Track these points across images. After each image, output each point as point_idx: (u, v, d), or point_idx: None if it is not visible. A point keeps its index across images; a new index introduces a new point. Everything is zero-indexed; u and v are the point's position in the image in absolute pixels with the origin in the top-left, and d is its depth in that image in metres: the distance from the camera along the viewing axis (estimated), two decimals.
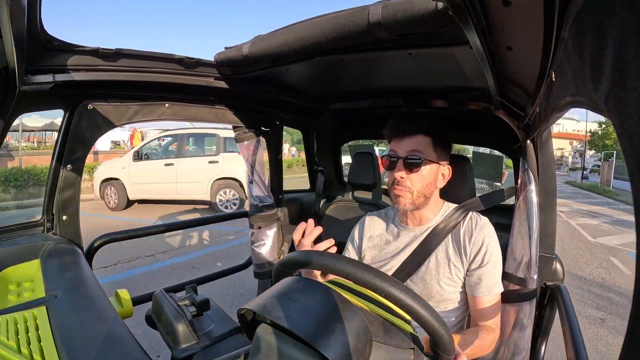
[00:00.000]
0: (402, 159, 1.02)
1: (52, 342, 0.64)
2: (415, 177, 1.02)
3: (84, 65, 0.98)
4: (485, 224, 1.04)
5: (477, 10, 0.51)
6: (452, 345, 0.56)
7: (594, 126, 33.60)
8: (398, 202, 1.04)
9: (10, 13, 0.59)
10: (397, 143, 1.05)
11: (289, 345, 0.48)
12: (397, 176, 1.02)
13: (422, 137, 1.03)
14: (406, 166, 1.02)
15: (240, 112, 1.53)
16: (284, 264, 0.68)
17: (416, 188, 1.02)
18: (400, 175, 1.02)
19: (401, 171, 1.02)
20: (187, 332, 0.94)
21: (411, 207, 1.04)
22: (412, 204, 1.03)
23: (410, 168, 1.01)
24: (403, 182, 1.02)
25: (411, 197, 1.02)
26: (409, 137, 1.03)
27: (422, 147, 1.02)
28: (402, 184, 1.02)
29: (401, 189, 1.02)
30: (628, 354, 0.22)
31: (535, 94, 0.70)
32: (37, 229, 1.13)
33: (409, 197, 1.02)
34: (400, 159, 1.03)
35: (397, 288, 0.55)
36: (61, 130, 1.10)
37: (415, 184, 1.02)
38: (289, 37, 0.93)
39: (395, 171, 1.03)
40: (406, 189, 1.02)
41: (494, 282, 0.98)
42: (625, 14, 0.23)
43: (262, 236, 1.79)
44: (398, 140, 1.05)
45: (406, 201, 1.03)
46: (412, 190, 1.02)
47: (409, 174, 1.02)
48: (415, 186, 1.02)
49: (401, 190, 1.02)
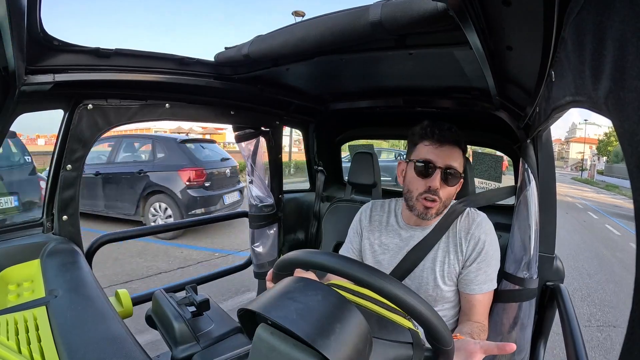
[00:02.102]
0: (440, 169, 0.97)
1: (52, 342, 0.64)
2: (449, 190, 1.00)
3: (84, 65, 0.98)
4: (483, 220, 1.04)
5: (477, 10, 0.51)
6: (448, 336, 0.55)
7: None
8: (427, 212, 1.00)
9: (10, 13, 0.59)
10: (435, 149, 0.99)
11: (289, 345, 0.48)
12: (432, 185, 0.97)
13: (458, 148, 1.00)
14: (444, 178, 0.98)
15: (240, 112, 1.53)
16: (279, 269, 0.69)
17: (444, 198, 1.00)
18: (436, 186, 0.97)
19: (437, 181, 0.97)
20: (187, 332, 0.94)
21: (435, 216, 1.02)
22: (436, 213, 1.02)
23: (447, 180, 0.98)
24: (438, 193, 0.98)
25: (438, 207, 1.00)
26: (449, 146, 0.99)
27: (459, 160, 1.00)
28: (437, 194, 0.98)
29: (434, 200, 0.99)
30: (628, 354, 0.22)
31: (535, 94, 0.70)
32: (37, 229, 1.13)
33: (436, 207, 1.00)
34: (439, 169, 0.97)
35: (385, 281, 0.54)
36: (61, 130, 1.10)
37: (444, 196, 0.99)
38: (289, 37, 0.93)
39: (431, 180, 0.98)
40: (438, 199, 0.99)
41: (486, 279, 0.98)
42: (625, 14, 0.23)
43: (262, 236, 1.79)
44: (437, 146, 0.99)
45: (433, 211, 1.00)
46: (441, 200, 0.99)
47: (444, 186, 0.98)
48: (444, 197, 1.00)
49: (434, 201, 0.99)
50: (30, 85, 0.90)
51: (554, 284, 1.09)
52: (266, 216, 1.77)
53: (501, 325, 1.03)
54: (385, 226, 1.14)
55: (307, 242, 1.97)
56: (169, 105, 1.27)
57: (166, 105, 1.27)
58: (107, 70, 1.02)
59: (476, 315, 0.97)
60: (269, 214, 1.77)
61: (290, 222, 1.93)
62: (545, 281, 1.10)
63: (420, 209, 1.01)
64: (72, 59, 0.95)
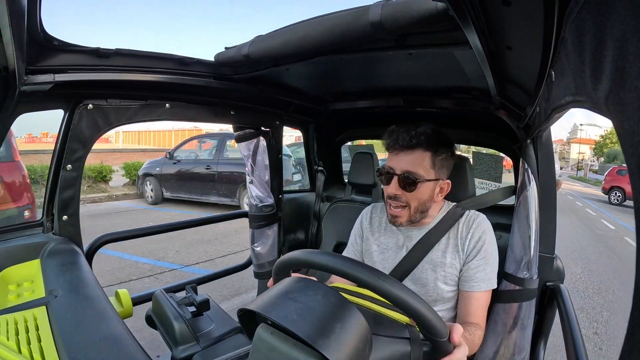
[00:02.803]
0: (397, 175, 0.98)
1: (52, 342, 0.64)
2: (411, 195, 0.98)
3: (84, 65, 0.98)
4: (483, 220, 1.04)
5: (477, 10, 0.51)
6: (441, 327, 0.55)
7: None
8: (395, 221, 1.02)
9: (10, 13, 0.59)
10: (394, 156, 1.00)
11: (289, 345, 0.48)
12: (389, 192, 0.99)
13: (421, 152, 0.97)
14: (401, 184, 0.98)
15: (240, 112, 1.53)
16: (276, 272, 0.70)
17: (413, 205, 0.99)
18: (393, 192, 0.99)
19: (396, 188, 0.98)
20: (187, 332, 0.94)
21: (407, 223, 1.02)
22: (408, 220, 1.01)
23: (405, 187, 0.98)
24: (399, 198, 0.99)
25: (408, 213, 1.00)
26: (406, 151, 0.98)
27: (419, 164, 0.97)
28: (398, 199, 0.99)
29: (397, 206, 0.99)
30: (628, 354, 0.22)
31: (535, 94, 0.70)
32: (37, 229, 1.13)
33: (406, 214, 1.00)
34: (396, 176, 0.98)
35: (371, 274, 0.55)
36: (61, 130, 1.10)
37: (412, 201, 0.99)
38: (289, 37, 0.93)
39: (390, 187, 1.00)
40: (402, 205, 0.99)
41: (484, 277, 0.98)
42: (625, 14, 0.23)
43: (262, 236, 1.79)
44: (395, 153, 1.00)
45: (403, 220, 1.01)
46: (409, 206, 0.99)
47: (405, 192, 0.98)
48: (412, 203, 0.99)
49: (397, 208, 1.00)
50: (30, 85, 0.90)
51: (554, 284, 1.09)
52: (266, 216, 1.77)
53: (501, 326, 1.03)
54: (384, 227, 1.15)
55: (307, 242, 1.97)
56: (169, 105, 1.27)
57: (166, 105, 1.27)
58: (107, 70, 1.02)
59: (473, 315, 0.96)
60: (269, 214, 1.77)
61: (290, 222, 1.93)
62: (546, 281, 1.10)
63: (389, 218, 1.04)
64: (72, 59, 0.95)
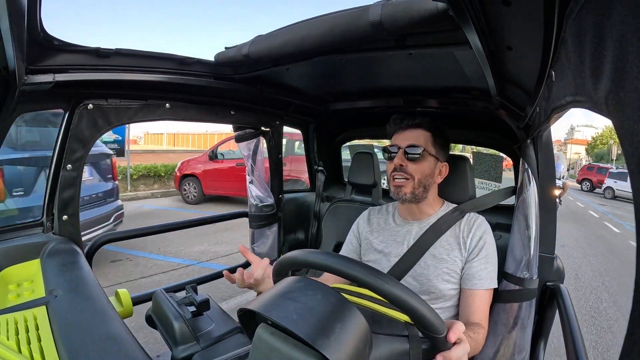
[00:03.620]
0: (402, 149, 1.05)
1: (52, 342, 0.64)
2: (415, 166, 1.04)
3: (84, 65, 0.98)
4: (483, 222, 1.06)
5: (477, 10, 0.51)
6: (438, 323, 0.55)
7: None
8: (399, 192, 1.05)
9: (10, 13, 0.59)
10: (398, 136, 1.09)
11: (289, 345, 0.48)
12: (396, 163, 1.05)
13: (423, 131, 1.07)
14: (406, 156, 1.05)
15: (240, 112, 1.53)
16: (275, 273, 0.70)
17: (416, 176, 1.04)
18: (399, 163, 1.05)
19: (402, 159, 1.05)
20: (187, 332, 0.94)
21: (411, 196, 1.05)
22: (412, 192, 1.05)
23: (410, 158, 1.04)
24: (403, 169, 1.04)
25: (412, 185, 1.04)
26: (410, 130, 1.08)
27: (422, 140, 1.06)
28: (403, 170, 1.04)
29: (400, 177, 1.04)
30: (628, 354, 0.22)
31: (535, 94, 0.70)
32: (37, 229, 1.13)
33: (410, 185, 1.04)
34: (401, 149, 1.06)
35: (367, 273, 0.55)
36: (61, 130, 1.09)
37: (415, 173, 1.04)
38: (289, 37, 0.93)
39: (395, 159, 1.06)
40: (406, 176, 1.04)
41: (487, 276, 0.99)
42: (625, 14, 0.23)
43: (262, 236, 1.79)
44: (399, 133, 1.09)
45: (407, 190, 1.04)
46: (412, 177, 1.04)
47: (410, 163, 1.04)
48: (416, 174, 1.04)
49: (400, 178, 1.04)
50: (30, 85, 0.90)
51: (554, 284, 1.09)
52: (266, 216, 1.77)
53: (501, 326, 1.03)
54: (383, 226, 1.16)
55: (307, 242, 1.97)
56: (169, 105, 1.27)
57: (166, 105, 1.27)
58: (107, 70, 1.02)
59: (476, 314, 0.97)
60: (269, 214, 1.77)
61: (290, 222, 1.92)
62: (545, 281, 1.10)
63: (393, 190, 1.08)
64: (72, 58, 0.95)
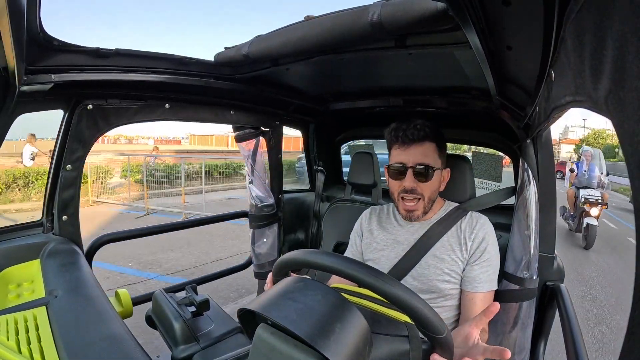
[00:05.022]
0: (411, 168, 1.00)
1: (52, 342, 0.64)
2: (425, 185, 1.01)
3: (84, 65, 0.98)
4: (485, 222, 1.05)
5: (477, 10, 0.51)
6: (438, 323, 0.55)
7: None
8: (411, 215, 1.03)
9: (10, 13, 0.59)
10: (403, 151, 1.02)
11: (289, 345, 0.48)
12: (407, 185, 1.01)
13: (429, 143, 1.01)
14: (416, 176, 1.00)
15: (240, 112, 1.53)
16: (275, 272, 0.70)
17: (427, 195, 1.02)
18: (410, 185, 1.00)
19: (412, 181, 1.00)
20: (187, 332, 0.94)
21: (422, 215, 1.04)
22: (423, 212, 1.03)
23: (420, 177, 1.00)
24: (416, 191, 1.01)
25: (423, 205, 1.03)
26: (417, 144, 1.01)
27: (429, 155, 1.01)
28: (414, 192, 1.01)
29: (412, 199, 1.01)
30: (628, 354, 0.22)
31: (535, 94, 0.70)
32: (37, 229, 1.13)
33: (421, 206, 1.02)
34: (410, 169, 1.00)
35: (367, 273, 0.54)
36: (61, 130, 1.09)
37: (425, 192, 1.02)
38: (289, 37, 0.93)
39: (404, 181, 1.01)
40: (417, 197, 1.01)
41: (487, 278, 0.98)
42: (625, 14, 0.23)
43: (262, 236, 1.79)
44: (405, 148, 1.02)
45: (419, 213, 1.03)
46: (423, 197, 1.02)
47: (420, 183, 1.01)
48: (426, 193, 1.02)
49: (412, 201, 1.02)
50: (30, 85, 0.90)
51: (554, 283, 1.09)
52: (266, 216, 1.77)
53: (501, 325, 1.03)
54: (384, 226, 1.15)
55: (307, 242, 1.97)
56: (169, 105, 1.27)
57: (166, 105, 1.27)
58: (107, 70, 1.02)
59: (475, 315, 0.96)
60: (269, 214, 1.77)
61: (290, 222, 1.93)
62: (545, 281, 1.10)
63: (403, 213, 1.05)
64: (71, 59, 0.95)
